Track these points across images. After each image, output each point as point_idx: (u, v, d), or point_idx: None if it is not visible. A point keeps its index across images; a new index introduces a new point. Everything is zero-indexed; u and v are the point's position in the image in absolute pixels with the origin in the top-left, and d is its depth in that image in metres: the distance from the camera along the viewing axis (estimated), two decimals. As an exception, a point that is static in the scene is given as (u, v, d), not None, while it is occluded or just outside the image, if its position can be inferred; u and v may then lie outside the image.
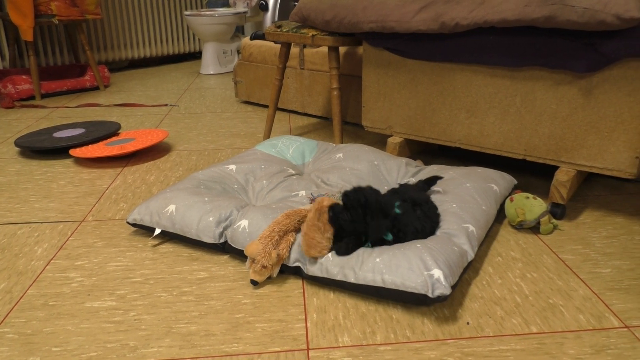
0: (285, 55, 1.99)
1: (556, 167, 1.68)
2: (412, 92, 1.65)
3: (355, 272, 1.06)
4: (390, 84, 1.70)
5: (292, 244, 1.16)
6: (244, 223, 1.22)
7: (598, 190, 1.60)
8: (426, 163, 1.78)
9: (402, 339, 0.96)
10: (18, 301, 1.09)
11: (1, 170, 1.86)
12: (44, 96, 3.02)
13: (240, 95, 2.83)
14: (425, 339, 0.96)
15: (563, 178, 1.39)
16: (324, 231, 1.11)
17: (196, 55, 4.47)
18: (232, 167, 1.53)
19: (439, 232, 1.18)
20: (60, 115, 2.61)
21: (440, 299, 0.98)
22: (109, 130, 2.15)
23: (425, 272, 1.01)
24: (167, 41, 4.03)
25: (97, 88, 3.23)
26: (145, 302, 1.08)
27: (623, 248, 1.27)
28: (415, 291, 0.99)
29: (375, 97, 1.75)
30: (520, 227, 1.35)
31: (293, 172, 1.55)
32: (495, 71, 1.47)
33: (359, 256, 1.08)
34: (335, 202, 1.14)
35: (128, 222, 1.35)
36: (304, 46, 2.42)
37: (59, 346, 0.95)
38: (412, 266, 1.02)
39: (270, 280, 1.15)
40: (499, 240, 1.31)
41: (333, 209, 1.12)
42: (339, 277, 1.08)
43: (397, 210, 1.15)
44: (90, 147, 2.00)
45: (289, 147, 1.71)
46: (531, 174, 1.72)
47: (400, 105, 1.69)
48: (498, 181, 1.44)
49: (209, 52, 3.66)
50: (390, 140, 1.75)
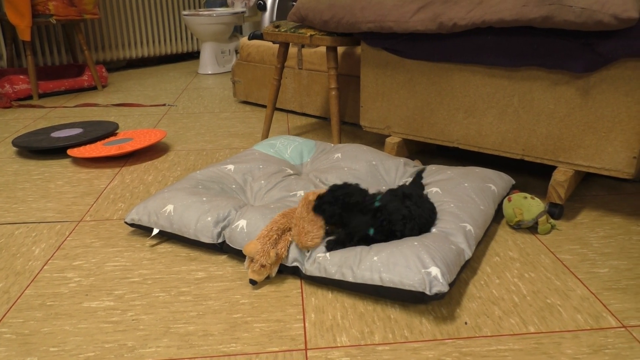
0: (283, 55, 1.99)
1: (554, 167, 1.68)
2: (410, 92, 1.66)
3: (353, 271, 1.06)
4: (389, 84, 1.70)
5: (290, 243, 1.16)
6: (242, 223, 1.22)
7: (596, 190, 1.60)
8: (424, 163, 1.79)
9: (400, 339, 0.96)
10: (15, 301, 1.09)
11: (-1, 170, 1.86)
12: (41, 96, 3.01)
13: (239, 95, 2.83)
14: (423, 338, 0.96)
15: (561, 178, 1.39)
16: (315, 222, 1.17)
17: (194, 55, 4.47)
18: (230, 167, 1.53)
19: (435, 230, 1.19)
20: (58, 115, 2.61)
21: (438, 297, 0.99)
22: (107, 130, 2.14)
23: (423, 270, 1.01)
24: (165, 41, 4.03)
25: (94, 88, 3.23)
26: (143, 302, 1.07)
27: (621, 248, 1.27)
28: (413, 289, 1.00)
29: (374, 97, 1.75)
30: (518, 227, 1.35)
31: (291, 172, 1.55)
32: (493, 71, 1.47)
33: (357, 255, 1.09)
34: (320, 193, 1.21)
35: (126, 222, 1.35)
36: (302, 46, 2.41)
37: (56, 346, 0.95)
38: (410, 264, 1.02)
39: (268, 280, 1.15)
40: (497, 240, 1.31)
41: (318, 198, 1.19)
42: (337, 277, 1.08)
43: (377, 204, 1.17)
44: (88, 147, 1.99)
45: (287, 147, 1.71)
46: (529, 174, 1.72)
47: (399, 105, 1.70)
48: (496, 181, 1.44)
49: (207, 52, 3.66)
50: (388, 140, 1.75)
